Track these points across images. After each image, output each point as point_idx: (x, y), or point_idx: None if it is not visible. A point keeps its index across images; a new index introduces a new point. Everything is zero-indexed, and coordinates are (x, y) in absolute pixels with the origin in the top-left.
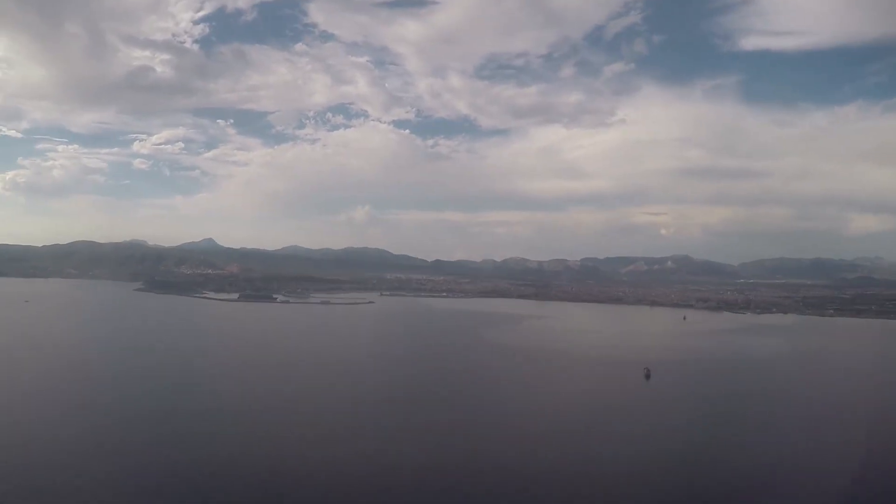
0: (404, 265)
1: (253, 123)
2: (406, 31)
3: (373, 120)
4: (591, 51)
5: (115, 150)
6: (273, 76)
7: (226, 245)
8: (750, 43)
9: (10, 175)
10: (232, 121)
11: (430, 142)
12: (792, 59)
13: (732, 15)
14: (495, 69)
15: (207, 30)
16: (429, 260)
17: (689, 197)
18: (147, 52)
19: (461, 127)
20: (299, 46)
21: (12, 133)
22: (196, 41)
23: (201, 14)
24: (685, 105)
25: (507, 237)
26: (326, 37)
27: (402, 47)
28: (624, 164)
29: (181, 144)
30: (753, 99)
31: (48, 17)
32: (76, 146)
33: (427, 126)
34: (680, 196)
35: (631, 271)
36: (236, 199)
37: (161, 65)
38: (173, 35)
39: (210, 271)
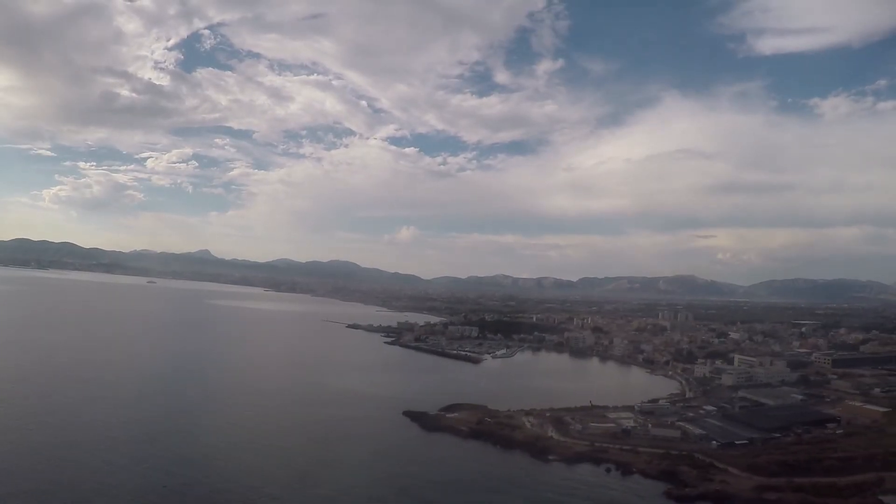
0: (366, 277)
1: (248, 144)
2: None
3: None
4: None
5: (133, 166)
6: (239, 97)
7: (219, 256)
8: (767, 45)
9: (54, 190)
10: (228, 139)
11: (431, 160)
12: (816, 59)
13: (734, 14)
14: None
15: (180, 56)
16: (389, 272)
17: (705, 219)
18: (117, 80)
19: (456, 146)
20: (261, 69)
21: (42, 152)
22: (165, 69)
23: (172, 42)
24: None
25: (491, 256)
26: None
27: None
28: (642, 182)
29: (194, 163)
30: (778, 106)
31: (29, 50)
32: (93, 163)
33: (412, 142)
34: (695, 217)
35: (613, 289)
36: (235, 216)
37: (131, 90)
38: (142, 62)
39: None
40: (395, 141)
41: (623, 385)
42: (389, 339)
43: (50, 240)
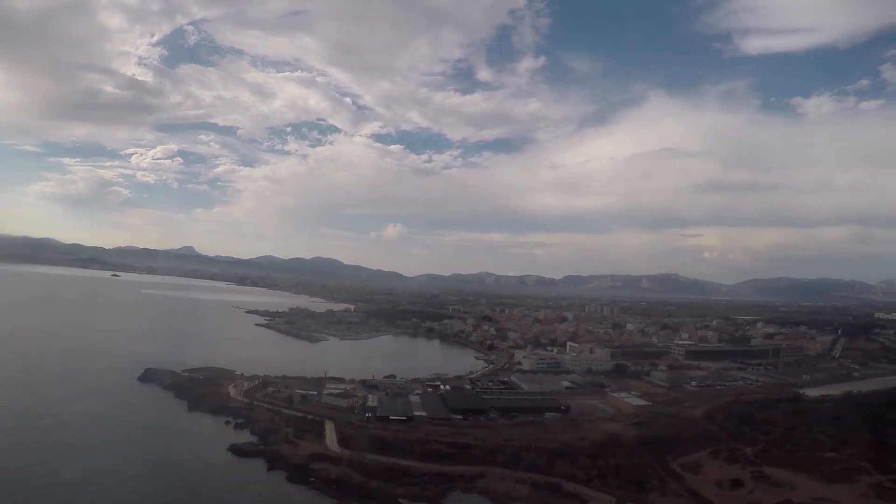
0: (348, 275)
1: (233, 141)
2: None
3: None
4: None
5: (118, 162)
6: (225, 93)
7: (203, 253)
8: (753, 45)
9: (39, 186)
10: (213, 135)
11: (416, 157)
12: (800, 59)
13: (720, 13)
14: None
15: (163, 52)
16: (372, 269)
17: (690, 218)
18: (100, 76)
19: (442, 143)
20: (244, 65)
21: (28, 147)
22: (148, 65)
23: (156, 38)
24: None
25: (477, 254)
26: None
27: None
28: (628, 180)
29: (179, 160)
30: (763, 105)
31: (12, 46)
32: (78, 159)
33: (397, 139)
34: (680, 216)
35: (595, 287)
36: (221, 213)
37: (114, 86)
38: (126, 58)
39: None
40: (379, 138)
41: (428, 362)
42: (265, 322)
43: (31, 235)
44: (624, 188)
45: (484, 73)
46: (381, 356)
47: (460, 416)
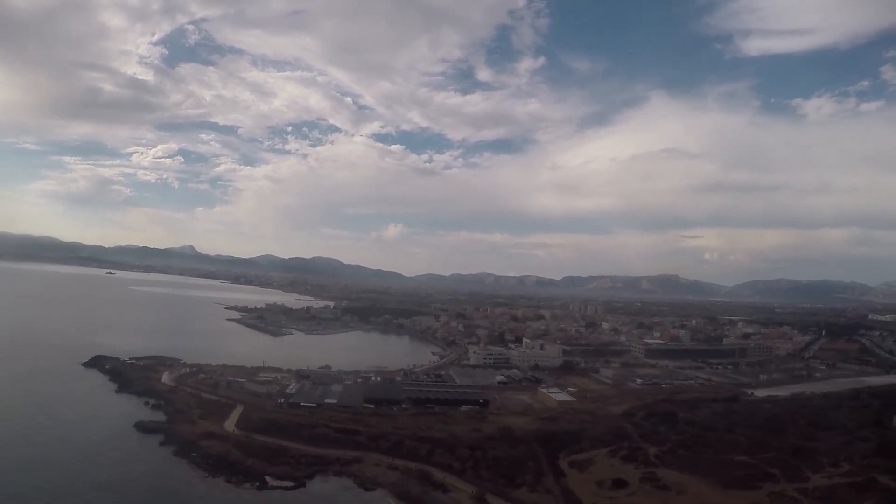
0: (347, 274)
1: (233, 140)
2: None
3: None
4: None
5: (118, 161)
6: (226, 93)
7: (203, 252)
8: (754, 46)
9: (40, 185)
10: (214, 134)
11: (417, 157)
12: (801, 60)
13: (721, 14)
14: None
15: (164, 52)
16: (372, 268)
17: (691, 219)
18: (101, 74)
19: (443, 144)
20: (243, 65)
21: (28, 146)
22: (149, 64)
23: (156, 37)
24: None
25: (478, 255)
26: (260, 57)
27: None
28: (628, 181)
29: (180, 159)
30: (763, 106)
31: (13, 44)
32: (79, 158)
33: (398, 139)
34: (681, 217)
35: (594, 287)
36: (221, 212)
37: (114, 85)
38: (127, 57)
39: None
40: (380, 138)
41: (383, 355)
42: (237, 317)
43: (31, 234)
44: (624, 189)
45: (484, 74)
46: (340, 350)
47: (372, 406)
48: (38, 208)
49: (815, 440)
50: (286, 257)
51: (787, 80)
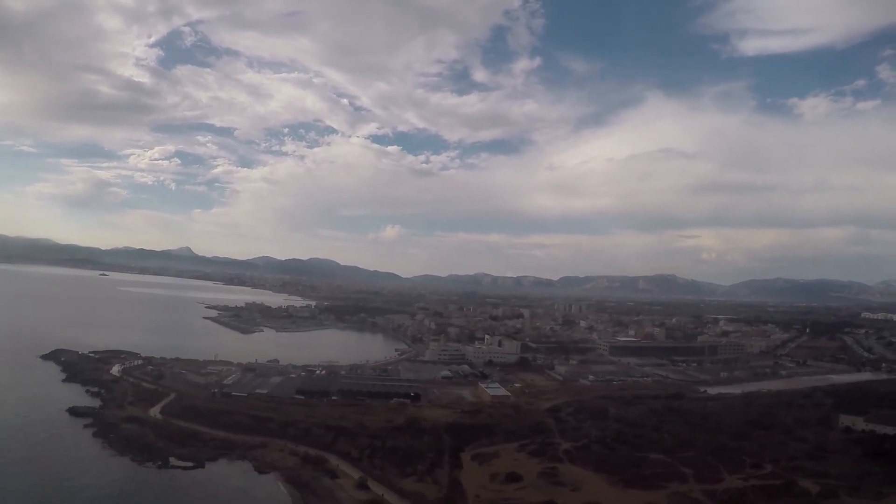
0: (344, 275)
1: (230, 142)
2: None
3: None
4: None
5: (115, 163)
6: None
7: (200, 254)
8: (750, 46)
9: (37, 187)
10: (210, 136)
11: (414, 158)
12: (797, 60)
13: (717, 14)
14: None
15: (160, 53)
16: (369, 270)
17: (688, 218)
18: (97, 76)
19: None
20: (239, 66)
21: (25, 148)
22: (145, 66)
23: (153, 39)
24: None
25: (476, 255)
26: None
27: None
28: (625, 181)
29: (177, 161)
30: (760, 106)
31: (9, 46)
32: (76, 160)
33: (395, 140)
34: (678, 217)
35: (591, 288)
36: (218, 214)
37: (111, 87)
38: (124, 59)
39: None
40: (377, 139)
41: (346, 351)
42: (214, 315)
43: (27, 236)
44: (621, 189)
45: (480, 74)
46: (304, 346)
47: (302, 397)
48: (36, 211)
49: (747, 439)
50: (283, 259)
51: (784, 79)
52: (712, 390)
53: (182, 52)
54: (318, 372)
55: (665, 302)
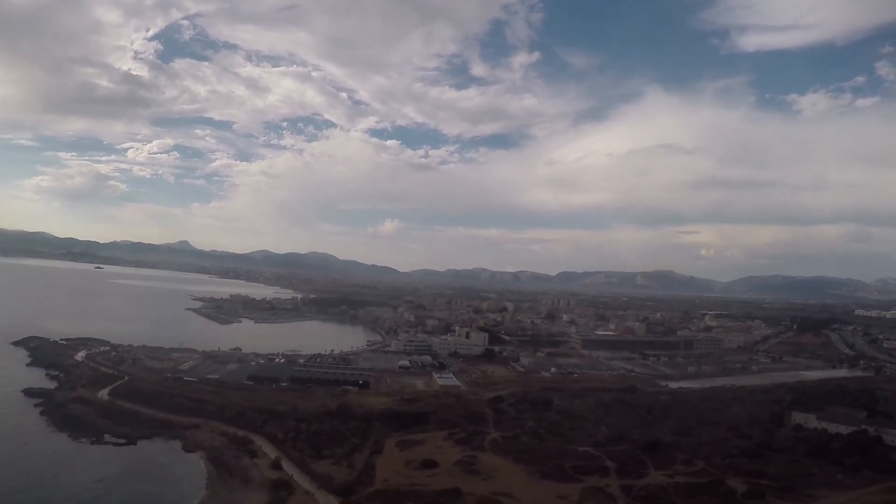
0: (342, 269)
1: (229, 135)
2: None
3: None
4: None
5: (114, 157)
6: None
7: (198, 248)
8: (750, 42)
9: (36, 181)
10: (209, 129)
11: (413, 152)
12: (797, 56)
13: (717, 9)
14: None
15: (158, 47)
16: (366, 264)
17: (687, 214)
18: (95, 70)
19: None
20: (238, 60)
21: (24, 142)
22: (144, 59)
23: (151, 32)
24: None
25: (474, 250)
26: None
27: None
28: (624, 177)
29: (176, 154)
30: (759, 101)
31: (7, 40)
32: (74, 154)
33: (393, 135)
34: (677, 212)
35: (589, 283)
36: (217, 208)
37: (109, 80)
38: (122, 52)
39: None
40: (375, 133)
41: (317, 341)
42: (197, 307)
43: (25, 229)
44: (621, 184)
45: (478, 69)
46: (278, 336)
47: (252, 383)
48: (34, 204)
49: (688, 435)
50: (281, 253)
51: (783, 75)
52: (674, 385)
53: (180, 45)
54: (277, 360)
55: (661, 298)
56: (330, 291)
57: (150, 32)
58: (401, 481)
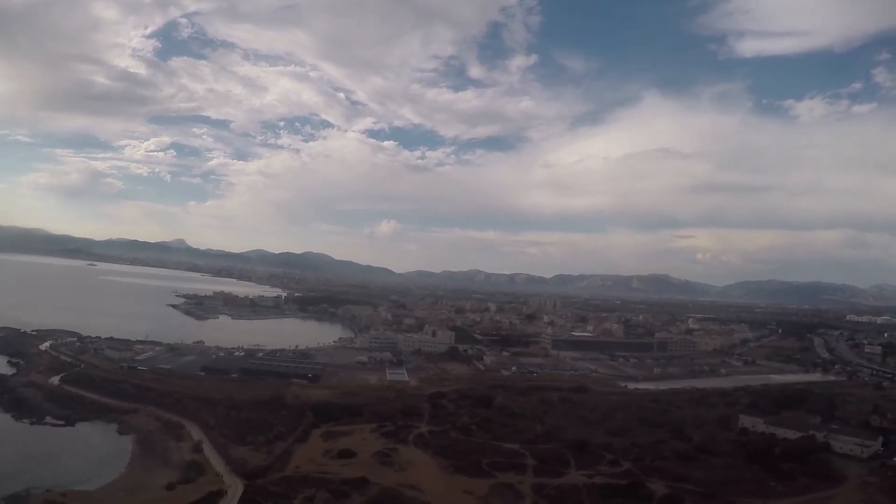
0: (337, 269)
1: (226, 134)
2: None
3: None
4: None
5: (111, 154)
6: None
7: (194, 246)
8: (748, 47)
9: (32, 177)
10: (206, 128)
11: (410, 154)
12: (794, 62)
13: (715, 14)
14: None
15: (156, 45)
16: (362, 264)
17: (683, 219)
18: (92, 67)
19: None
20: (235, 58)
21: (20, 138)
22: (141, 57)
23: (149, 30)
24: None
25: (471, 252)
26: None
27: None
28: (621, 180)
29: (173, 152)
30: (756, 107)
31: (4, 36)
32: (71, 151)
33: (390, 135)
34: (673, 216)
35: (585, 286)
36: (213, 206)
37: (106, 77)
38: (120, 50)
39: None
40: (373, 134)
41: (288, 336)
42: (177, 303)
43: (21, 225)
44: (617, 188)
45: (476, 71)
46: (251, 332)
47: (204, 374)
48: (30, 200)
49: (625, 435)
50: (277, 252)
51: (780, 81)
52: (633, 385)
53: (178, 43)
54: (236, 353)
55: (654, 301)
56: (318, 290)
57: (148, 30)
58: (312, 469)
